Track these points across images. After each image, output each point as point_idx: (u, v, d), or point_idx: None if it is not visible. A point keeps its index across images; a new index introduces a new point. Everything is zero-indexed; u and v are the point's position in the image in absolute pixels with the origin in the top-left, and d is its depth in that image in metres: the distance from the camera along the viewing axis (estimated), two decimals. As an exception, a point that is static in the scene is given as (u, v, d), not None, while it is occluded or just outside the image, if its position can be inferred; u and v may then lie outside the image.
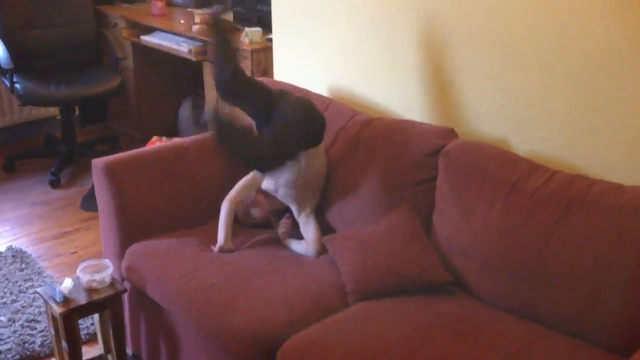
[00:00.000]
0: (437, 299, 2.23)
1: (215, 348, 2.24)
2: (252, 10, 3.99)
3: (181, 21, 4.38)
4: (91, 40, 4.54)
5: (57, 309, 2.37)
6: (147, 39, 4.36)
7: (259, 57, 3.65)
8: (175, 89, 4.92)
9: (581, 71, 2.20)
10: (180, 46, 4.08)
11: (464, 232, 2.27)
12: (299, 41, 2.97)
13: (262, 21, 3.87)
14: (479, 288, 2.25)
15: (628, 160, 2.16)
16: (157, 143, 3.84)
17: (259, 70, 3.66)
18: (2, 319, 2.97)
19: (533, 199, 2.13)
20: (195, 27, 4.11)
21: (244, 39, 3.72)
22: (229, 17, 4.25)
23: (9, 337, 2.86)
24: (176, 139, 3.19)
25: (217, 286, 2.28)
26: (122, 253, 2.59)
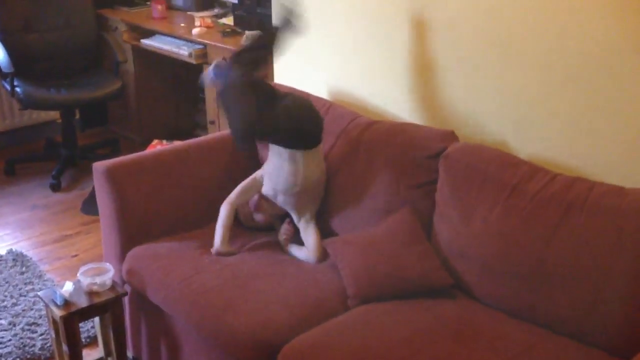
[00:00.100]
0: (438, 301, 2.23)
1: (216, 351, 2.24)
2: (253, 14, 3.99)
3: (181, 24, 4.39)
4: (92, 44, 4.53)
5: (58, 312, 2.37)
6: (148, 42, 4.36)
7: (259, 60, 3.64)
8: (175, 92, 4.92)
9: (581, 72, 2.20)
10: (181, 49, 4.09)
11: (464, 235, 2.27)
12: (299, 44, 2.97)
13: (263, 24, 3.88)
14: (480, 290, 2.25)
15: (628, 161, 2.15)
16: (158, 146, 3.84)
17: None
18: (3, 322, 2.97)
19: (533, 202, 2.13)
20: (195, 31, 4.11)
21: (245, 41, 3.73)
22: (229, 20, 4.26)
23: (10, 341, 2.86)
24: (177, 142, 3.19)
25: (218, 289, 2.28)
26: (123, 256, 2.59)
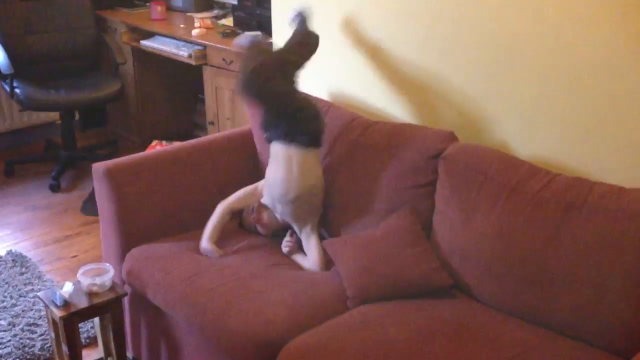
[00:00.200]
0: (438, 302, 2.23)
1: (216, 351, 2.24)
2: (252, 15, 3.99)
3: (181, 25, 4.39)
4: (91, 45, 4.54)
5: (58, 313, 2.36)
6: (147, 43, 4.36)
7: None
8: (175, 93, 4.93)
9: (581, 72, 2.20)
10: (180, 50, 4.09)
11: (464, 236, 2.27)
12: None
13: (262, 25, 3.88)
14: (480, 291, 2.25)
15: (628, 162, 2.16)
16: (157, 147, 3.85)
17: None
18: (2, 322, 2.97)
19: (533, 202, 2.13)
20: (195, 32, 4.11)
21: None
22: (229, 21, 4.26)
23: (9, 341, 2.85)
24: (176, 143, 3.18)
25: (218, 290, 2.28)
26: (123, 257, 2.59)
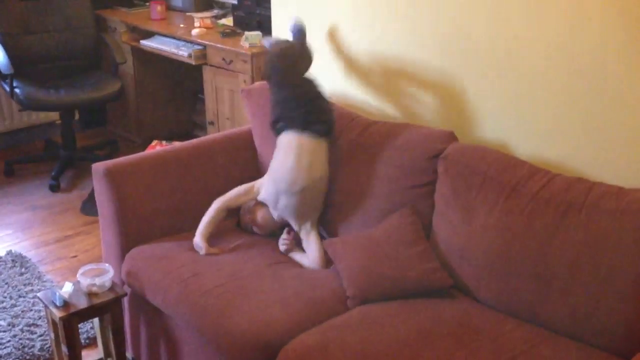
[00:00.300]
0: (438, 302, 2.23)
1: (215, 352, 2.23)
2: (252, 14, 3.99)
3: (181, 25, 4.39)
4: (91, 45, 4.54)
5: (57, 313, 2.36)
6: (147, 43, 4.36)
7: (259, 61, 3.65)
8: (175, 93, 4.93)
9: (581, 72, 2.20)
10: (180, 50, 4.09)
11: (464, 236, 2.26)
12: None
13: (262, 25, 3.88)
14: (479, 291, 2.24)
15: (628, 161, 2.15)
16: (157, 147, 3.84)
17: (259, 75, 3.66)
18: (2, 323, 2.96)
19: (533, 202, 2.13)
20: (195, 31, 4.11)
21: (244, 42, 3.73)
22: (229, 21, 4.26)
23: (9, 342, 2.85)
24: (176, 143, 3.18)
25: (217, 290, 2.28)
26: (122, 257, 2.59)
